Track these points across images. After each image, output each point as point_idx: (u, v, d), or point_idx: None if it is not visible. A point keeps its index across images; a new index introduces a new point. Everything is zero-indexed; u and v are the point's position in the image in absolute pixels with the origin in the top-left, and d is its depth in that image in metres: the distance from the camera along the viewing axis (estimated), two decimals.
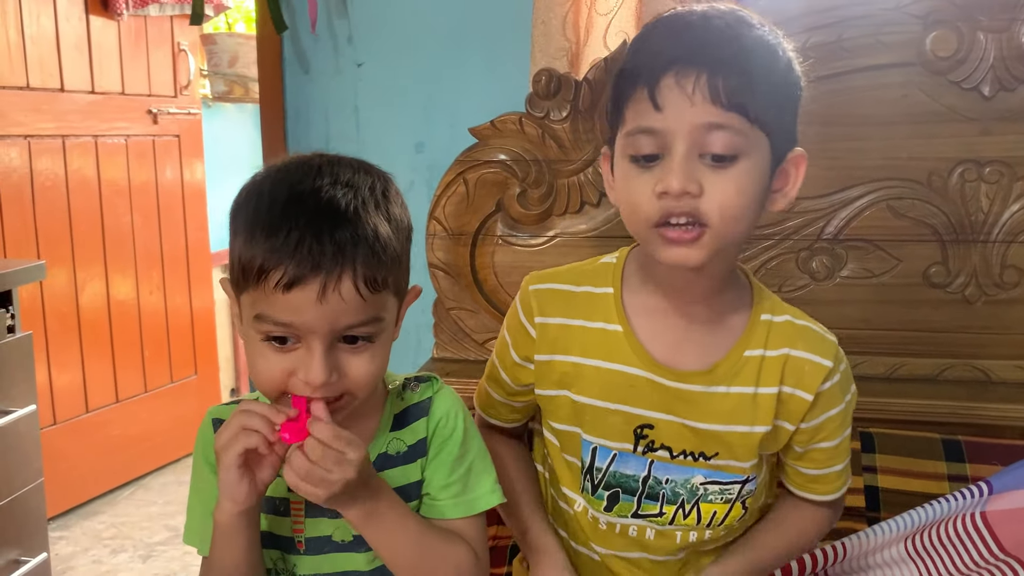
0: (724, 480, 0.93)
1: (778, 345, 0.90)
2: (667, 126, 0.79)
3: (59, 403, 2.50)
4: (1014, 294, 1.51)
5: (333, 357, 0.76)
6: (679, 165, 0.78)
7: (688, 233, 0.80)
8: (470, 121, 1.63)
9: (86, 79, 2.57)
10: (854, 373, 1.54)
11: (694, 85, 0.77)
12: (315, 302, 0.73)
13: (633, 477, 0.93)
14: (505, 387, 1.01)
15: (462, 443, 0.85)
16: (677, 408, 0.90)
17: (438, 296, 1.71)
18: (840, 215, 1.53)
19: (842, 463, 0.99)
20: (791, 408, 0.91)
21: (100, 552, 2.35)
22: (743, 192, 0.80)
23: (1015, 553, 1.20)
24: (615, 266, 0.95)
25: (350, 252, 0.74)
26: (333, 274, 0.73)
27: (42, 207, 2.44)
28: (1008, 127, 1.46)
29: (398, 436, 0.85)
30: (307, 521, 0.85)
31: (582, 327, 0.93)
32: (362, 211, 0.75)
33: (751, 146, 0.80)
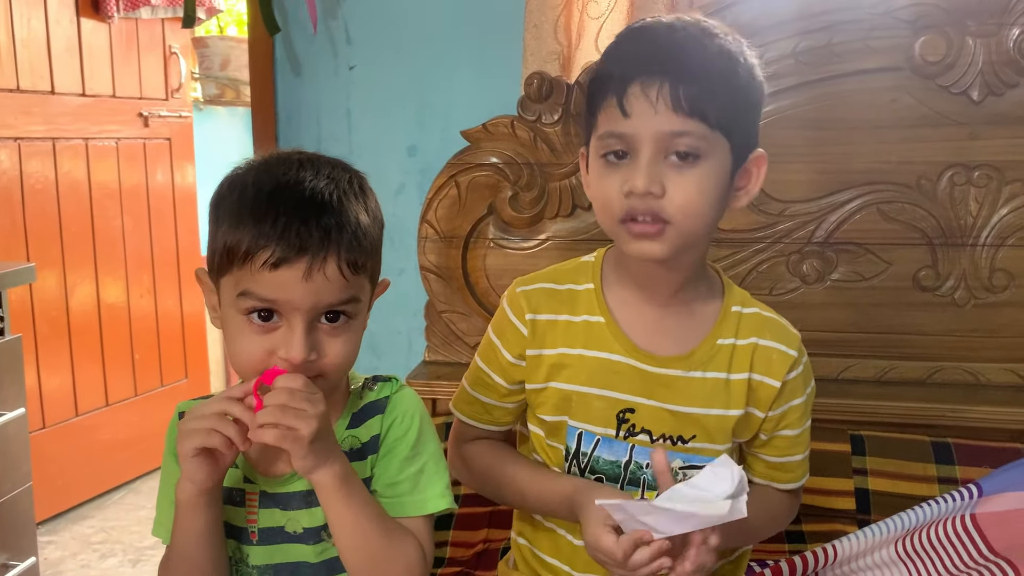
0: (701, 464, 0.95)
1: (747, 335, 0.96)
2: (634, 131, 0.86)
3: (48, 407, 2.48)
4: (1003, 297, 1.51)
5: (313, 336, 0.80)
6: (644, 167, 0.85)
7: (651, 227, 0.86)
8: (462, 124, 1.63)
9: (77, 82, 2.56)
10: (844, 376, 1.58)
11: (657, 94, 0.83)
12: (301, 280, 0.77)
13: (615, 463, 0.97)
14: (498, 390, 1.03)
15: (415, 444, 0.87)
16: (657, 392, 0.95)
17: (430, 299, 1.71)
18: (830, 219, 1.54)
19: (802, 453, 1.03)
20: (760, 395, 0.96)
21: (89, 557, 2.34)
22: (703, 192, 0.86)
23: (1005, 555, 1.21)
24: (594, 264, 1.01)
25: (335, 237, 0.79)
26: (319, 256, 0.78)
27: (32, 210, 2.43)
28: (997, 131, 1.48)
29: (354, 433, 0.87)
30: (260, 512, 0.87)
31: (567, 321, 0.98)
32: (344, 201, 0.81)
33: (711, 149, 0.86)
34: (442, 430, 1.54)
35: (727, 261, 1.57)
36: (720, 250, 1.58)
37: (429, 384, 1.65)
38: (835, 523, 1.37)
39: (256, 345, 0.80)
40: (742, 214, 1.56)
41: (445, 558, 1.35)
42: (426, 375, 1.68)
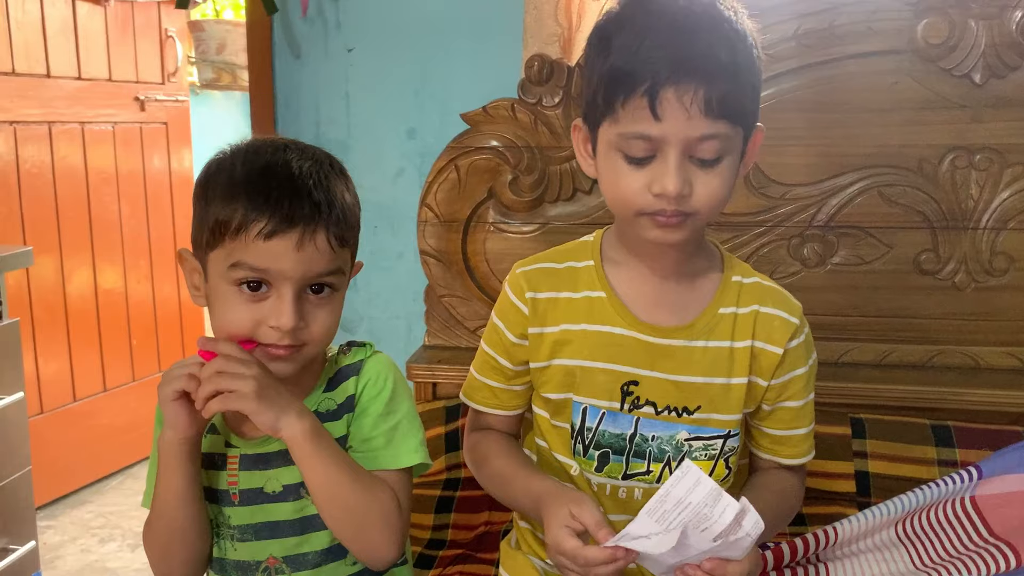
0: (707, 435, 0.97)
1: (748, 303, 0.97)
2: (664, 134, 0.85)
3: (46, 392, 2.48)
4: (1004, 281, 1.52)
5: (300, 306, 0.84)
6: (675, 171, 0.85)
7: (675, 218, 0.88)
8: (462, 107, 1.63)
9: (72, 65, 2.54)
10: (845, 360, 1.58)
11: (692, 99, 0.83)
12: (293, 250, 0.82)
13: (621, 436, 0.97)
14: (505, 372, 1.03)
15: (389, 401, 0.90)
16: (660, 363, 0.95)
17: (429, 283, 1.71)
18: (831, 202, 1.54)
19: (805, 427, 1.02)
20: (762, 363, 0.97)
21: (88, 541, 2.34)
22: (726, 184, 0.89)
23: (1005, 537, 1.22)
24: (593, 243, 1.02)
25: (324, 211, 0.83)
26: (310, 228, 0.82)
27: (28, 194, 2.41)
28: (999, 114, 1.47)
29: (329, 396, 0.91)
30: (241, 474, 0.90)
31: (568, 298, 0.99)
32: (330, 180, 0.85)
33: (732, 145, 0.88)
34: (441, 413, 1.56)
35: (729, 245, 1.57)
36: (721, 233, 1.58)
37: (430, 368, 1.65)
38: (835, 505, 1.37)
39: (246, 314, 0.84)
40: (744, 198, 1.56)
41: (447, 540, 1.36)
42: (426, 359, 1.67)
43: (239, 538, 0.90)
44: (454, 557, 1.31)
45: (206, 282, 0.87)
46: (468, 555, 1.31)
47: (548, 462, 1.03)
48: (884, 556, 1.26)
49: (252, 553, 0.90)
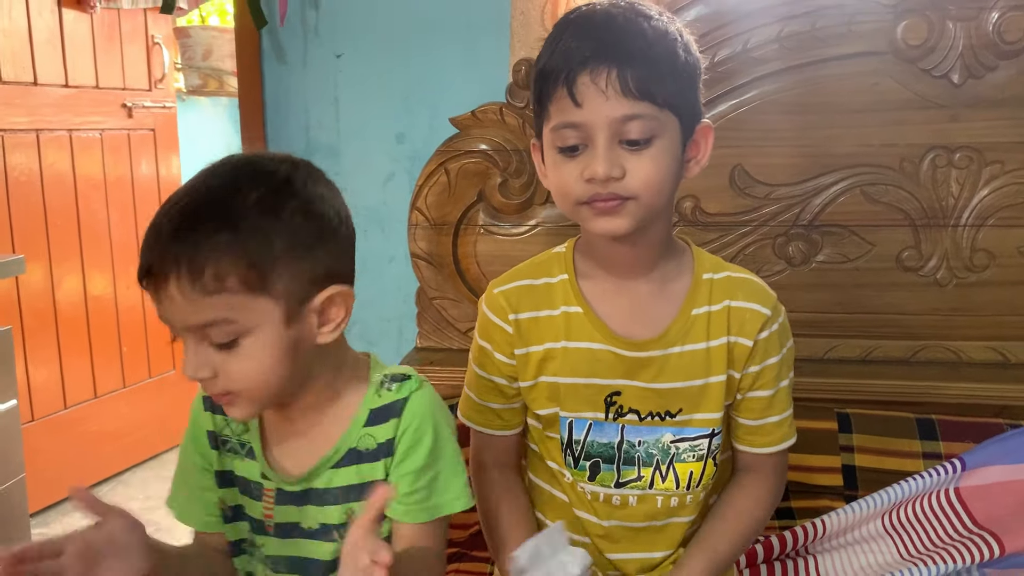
0: (691, 436, 0.98)
1: (720, 299, 0.98)
2: (587, 119, 0.88)
3: (36, 399, 2.48)
4: (984, 276, 1.55)
5: (203, 353, 0.79)
6: (602, 154, 0.88)
7: (612, 201, 0.89)
8: (451, 111, 1.64)
9: (59, 73, 2.54)
10: (830, 356, 1.60)
11: (606, 81, 0.86)
12: (157, 301, 0.80)
13: (608, 445, 0.99)
14: (504, 392, 1.04)
15: (430, 452, 0.86)
16: (639, 374, 0.97)
17: (421, 286, 1.73)
18: (815, 201, 1.57)
19: (778, 415, 1.02)
20: (736, 355, 0.98)
21: None
22: (660, 168, 0.89)
23: (988, 527, 1.25)
24: (565, 254, 1.03)
25: (172, 261, 0.78)
26: (162, 279, 0.78)
27: (17, 202, 2.41)
28: (977, 113, 1.50)
29: (370, 432, 0.86)
30: (277, 508, 0.87)
31: (548, 316, 1.00)
32: (199, 227, 0.79)
33: (663, 127, 0.89)
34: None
35: (714, 244, 1.60)
36: (707, 234, 1.60)
37: (422, 370, 1.66)
38: (823, 499, 1.40)
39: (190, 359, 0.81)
40: (729, 198, 1.59)
41: None
42: (418, 361, 1.69)
43: (271, 567, 0.89)
44: (450, 556, 1.32)
45: None
46: (463, 553, 1.33)
47: (542, 470, 1.05)
48: (871, 547, 1.29)
49: None
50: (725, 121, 1.56)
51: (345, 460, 0.86)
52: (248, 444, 0.89)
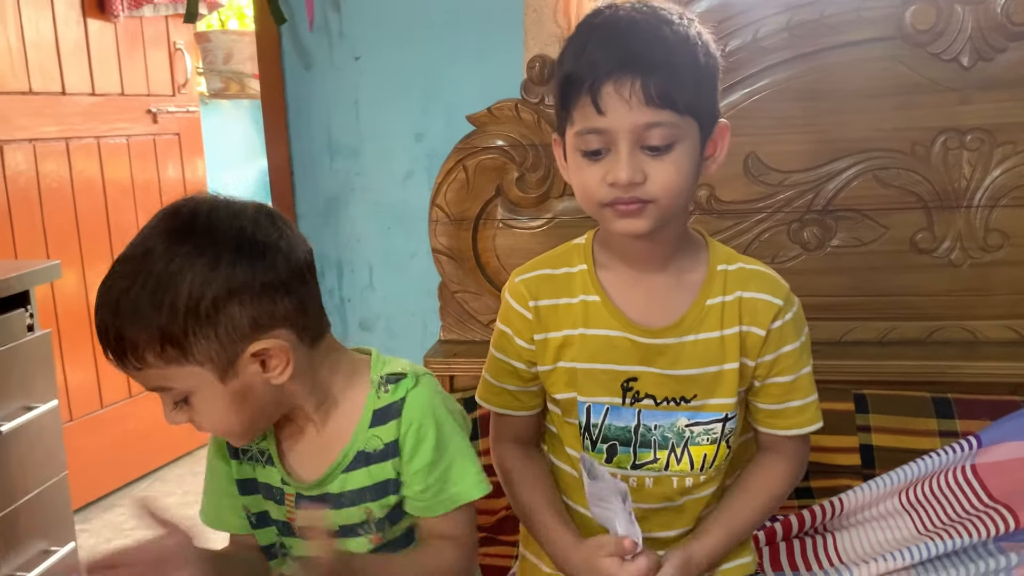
0: (705, 420, 1.02)
1: (733, 290, 1.01)
2: (610, 126, 0.91)
3: (75, 400, 2.55)
4: (998, 256, 1.56)
5: (169, 407, 0.85)
6: (625, 160, 0.91)
7: (634, 205, 0.93)
8: (467, 109, 1.68)
9: (86, 81, 2.61)
10: (847, 339, 1.63)
11: (630, 91, 0.89)
12: None
13: (625, 428, 1.02)
14: (521, 375, 1.08)
15: (435, 447, 0.88)
16: (655, 361, 1.01)
17: (443, 280, 1.77)
18: (828, 187, 1.59)
19: (800, 400, 1.05)
20: (748, 344, 1.01)
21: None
22: (681, 172, 0.93)
23: (1004, 500, 1.28)
24: (585, 246, 1.07)
25: (109, 333, 0.83)
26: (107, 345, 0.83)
27: (49, 209, 2.48)
28: (987, 95, 1.52)
29: (376, 433, 0.89)
30: (298, 512, 0.91)
31: (567, 304, 1.04)
32: (109, 310, 0.83)
33: (683, 133, 0.92)
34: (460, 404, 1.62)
35: (730, 232, 1.63)
36: (723, 221, 1.63)
37: (447, 362, 1.71)
38: (841, 479, 1.43)
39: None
40: (743, 185, 1.62)
41: None
42: (442, 354, 1.73)
43: None
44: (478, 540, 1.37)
45: None
46: (491, 538, 1.37)
47: (561, 452, 1.09)
48: (889, 524, 1.32)
49: None
50: (737, 110, 1.58)
51: (355, 463, 0.89)
52: (267, 451, 0.93)
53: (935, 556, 1.21)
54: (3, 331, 1.72)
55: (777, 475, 1.07)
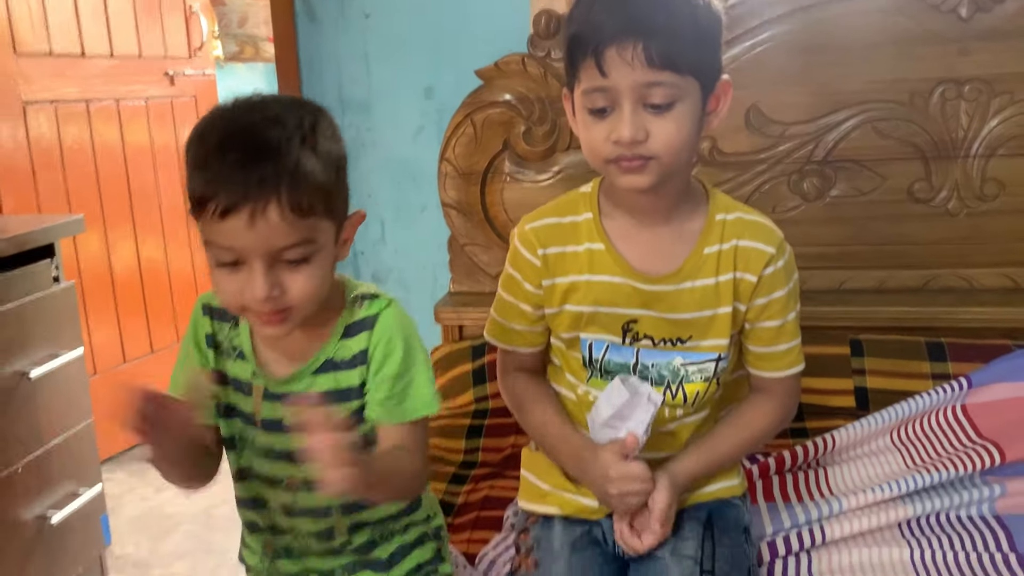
0: (699, 360, 1.07)
1: (729, 238, 1.06)
2: (614, 85, 0.95)
3: (98, 355, 2.63)
4: (994, 205, 1.60)
5: (274, 275, 0.85)
6: (628, 119, 0.95)
7: (637, 161, 0.97)
8: (475, 64, 1.72)
9: (104, 44, 2.66)
10: (846, 287, 1.67)
11: (632, 54, 0.92)
12: (246, 228, 0.82)
13: (624, 365, 1.08)
14: (527, 317, 1.14)
15: (402, 361, 0.93)
16: (654, 305, 1.06)
17: (452, 234, 1.82)
18: (828, 138, 1.62)
19: (786, 344, 1.10)
20: (741, 289, 1.06)
21: (145, 491, 2.50)
22: (682, 128, 0.97)
23: (992, 437, 1.32)
24: (590, 195, 1.11)
25: (272, 182, 0.81)
26: (260, 203, 0.81)
27: (71, 170, 2.54)
28: (985, 46, 1.54)
29: (345, 344, 0.94)
30: (264, 404, 0.97)
31: (573, 252, 1.09)
32: (286, 144, 0.83)
33: (684, 92, 0.96)
34: (468, 352, 1.69)
35: (731, 183, 1.66)
36: (724, 173, 1.67)
37: (456, 312, 1.77)
38: (836, 419, 1.47)
39: (229, 286, 0.87)
40: (745, 137, 1.65)
41: (478, 461, 1.48)
42: (452, 304, 1.79)
43: (263, 456, 0.98)
44: (484, 475, 1.43)
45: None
46: (497, 473, 1.43)
47: (560, 379, 1.15)
48: (879, 460, 1.37)
49: (274, 471, 0.98)
50: (739, 63, 1.61)
51: (322, 368, 0.95)
52: (239, 348, 0.98)
53: (923, 488, 1.25)
54: (30, 282, 1.79)
55: (763, 413, 1.12)
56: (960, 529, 1.19)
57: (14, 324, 1.74)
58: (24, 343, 1.77)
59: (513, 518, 1.25)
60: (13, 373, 1.73)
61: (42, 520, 1.81)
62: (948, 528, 1.20)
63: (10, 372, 1.73)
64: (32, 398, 1.79)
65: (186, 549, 2.20)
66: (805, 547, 1.17)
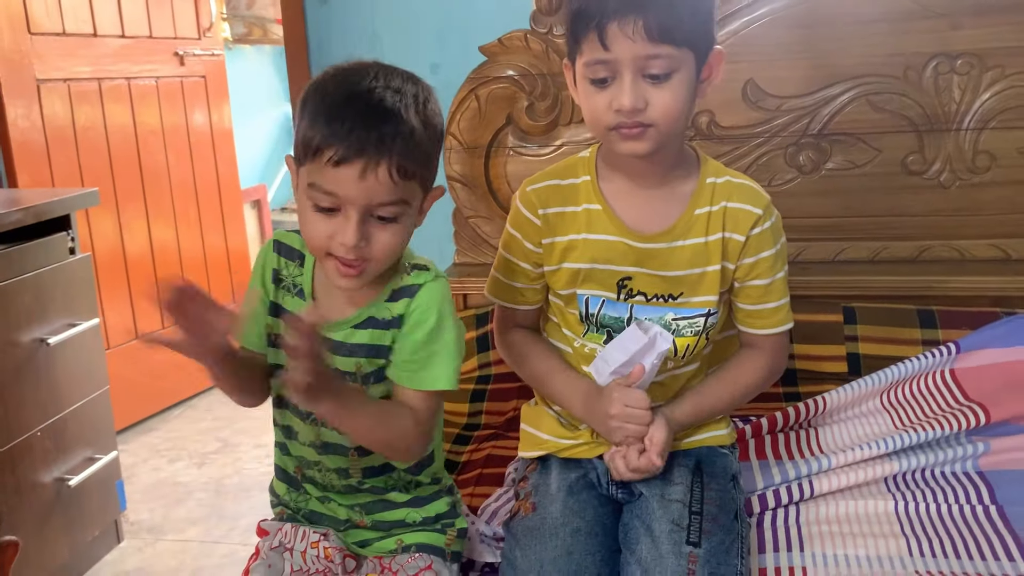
0: (689, 315, 1.13)
1: (719, 200, 1.12)
2: (615, 57, 1.01)
3: (111, 329, 2.69)
4: (986, 178, 1.63)
5: (365, 228, 0.93)
6: (628, 88, 1.01)
7: (636, 129, 1.03)
8: (480, 40, 1.76)
9: (116, 24, 2.71)
10: (841, 258, 1.72)
11: (633, 28, 0.99)
12: (356, 179, 0.90)
13: (619, 319, 1.14)
14: (527, 274, 1.19)
15: (431, 332, 0.99)
16: (648, 263, 1.12)
17: (457, 206, 1.87)
18: (824, 111, 1.66)
19: (774, 302, 1.15)
20: (729, 249, 1.12)
21: (158, 462, 2.57)
22: (678, 98, 1.03)
23: (978, 399, 1.37)
24: (589, 159, 1.17)
25: (389, 143, 0.90)
26: (373, 159, 0.89)
27: (84, 147, 2.59)
28: (978, 20, 1.58)
29: (388, 306, 1.01)
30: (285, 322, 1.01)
31: (572, 212, 1.15)
32: (404, 112, 0.91)
33: (681, 63, 1.02)
34: (472, 320, 1.73)
35: (729, 156, 1.70)
36: (722, 146, 1.71)
37: (461, 281, 1.82)
38: (828, 384, 1.51)
39: (320, 228, 0.94)
40: (742, 111, 1.69)
41: (481, 424, 1.54)
42: (456, 275, 1.84)
43: None
44: (487, 436, 1.49)
45: (296, 189, 0.97)
46: (499, 434, 1.49)
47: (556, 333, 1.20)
48: (869, 421, 1.42)
49: None
50: (736, 38, 1.65)
51: (364, 324, 1.01)
52: (300, 286, 1.04)
53: (909, 446, 1.30)
54: (47, 253, 1.85)
55: (752, 368, 1.18)
56: (944, 484, 1.24)
57: (32, 293, 1.80)
58: (43, 312, 1.83)
59: (514, 473, 1.30)
60: (32, 340, 1.79)
61: (60, 483, 1.87)
62: (932, 483, 1.25)
63: (29, 339, 1.79)
64: (51, 365, 1.85)
65: (198, 516, 2.27)
66: (794, 500, 1.22)
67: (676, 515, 1.03)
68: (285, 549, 1.06)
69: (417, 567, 1.03)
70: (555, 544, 1.04)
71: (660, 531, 1.02)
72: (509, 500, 1.25)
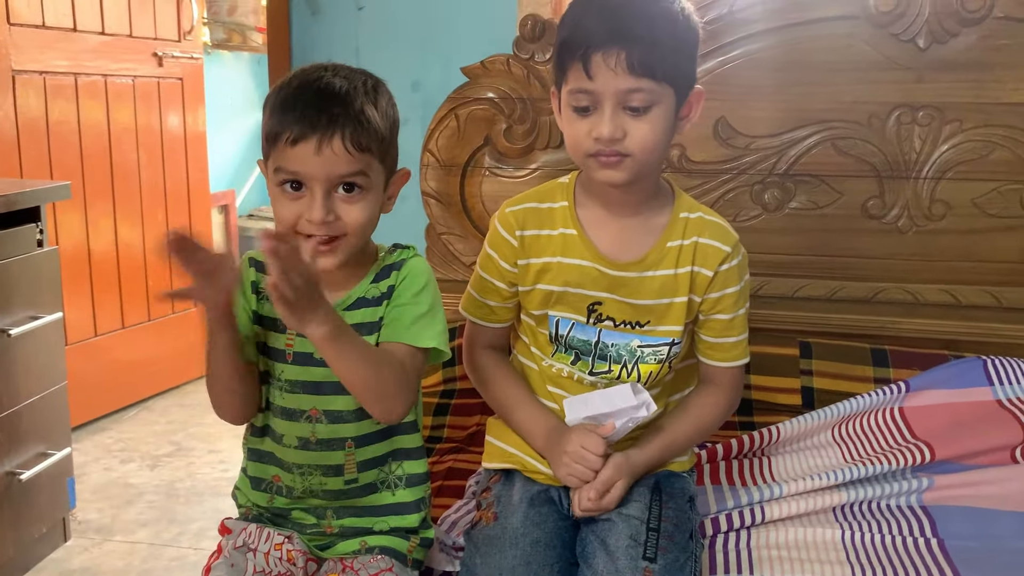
0: (654, 343, 1.16)
1: (691, 235, 1.16)
2: (597, 88, 1.05)
3: (71, 326, 2.65)
4: (941, 225, 1.70)
5: (331, 202, 1.00)
6: (608, 118, 1.05)
7: (614, 158, 1.08)
8: (460, 62, 1.80)
9: (96, 20, 2.70)
10: (799, 295, 1.78)
11: (616, 61, 1.03)
12: (313, 154, 0.97)
13: (587, 342, 1.17)
14: (501, 293, 1.22)
15: (419, 293, 1.06)
16: (618, 289, 1.15)
17: (430, 222, 1.89)
18: (791, 152, 1.72)
19: (735, 336, 1.20)
20: (697, 282, 1.16)
21: (110, 462, 2.54)
22: (656, 131, 1.07)
23: (924, 438, 1.43)
24: (567, 185, 1.21)
25: (341, 121, 0.98)
26: (327, 133, 0.97)
27: (56, 142, 2.58)
28: (940, 76, 1.65)
29: (375, 286, 1.07)
30: (296, 339, 1.07)
31: (548, 235, 1.19)
32: (353, 94, 1.00)
33: (660, 97, 1.06)
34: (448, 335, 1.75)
35: (697, 190, 1.76)
36: (691, 180, 1.76)
37: None
38: (782, 415, 1.56)
39: (289, 210, 1.00)
40: (712, 147, 1.75)
41: (443, 437, 1.55)
42: None
43: (288, 390, 1.07)
44: (448, 449, 1.51)
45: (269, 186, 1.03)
46: (461, 448, 1.51)
47: (525, 352, 1.23)
48: (820, 453, 1.46)
49: (297, 403, 1.07)
50: (712, 76, 1.71)
51: (354, 305, 1.06)
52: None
53: (858, 479, 1.35)
54: (15, 244, 1.84)
55: (712, 403, 1.22)
56: (889, 516, 1.29)
57: None
58: (6, 302, 1.82)
59: (475, 486, 1.32)
60: None
61: (11, 477, 1.85)
62: (878, 514, 1.29)
63: None
64: (10, 356, 1.83)
65: (148, 518, 2.25)
66: (746, 524, 1.26)
67: (634, 531, 1.06)
68: (249, 549, 1.07)
69: (379, 567, 1.05)
70: (514, 554, 1.06)
71: (617, 546, 1.05)
72: (470, 511, 1.27)
